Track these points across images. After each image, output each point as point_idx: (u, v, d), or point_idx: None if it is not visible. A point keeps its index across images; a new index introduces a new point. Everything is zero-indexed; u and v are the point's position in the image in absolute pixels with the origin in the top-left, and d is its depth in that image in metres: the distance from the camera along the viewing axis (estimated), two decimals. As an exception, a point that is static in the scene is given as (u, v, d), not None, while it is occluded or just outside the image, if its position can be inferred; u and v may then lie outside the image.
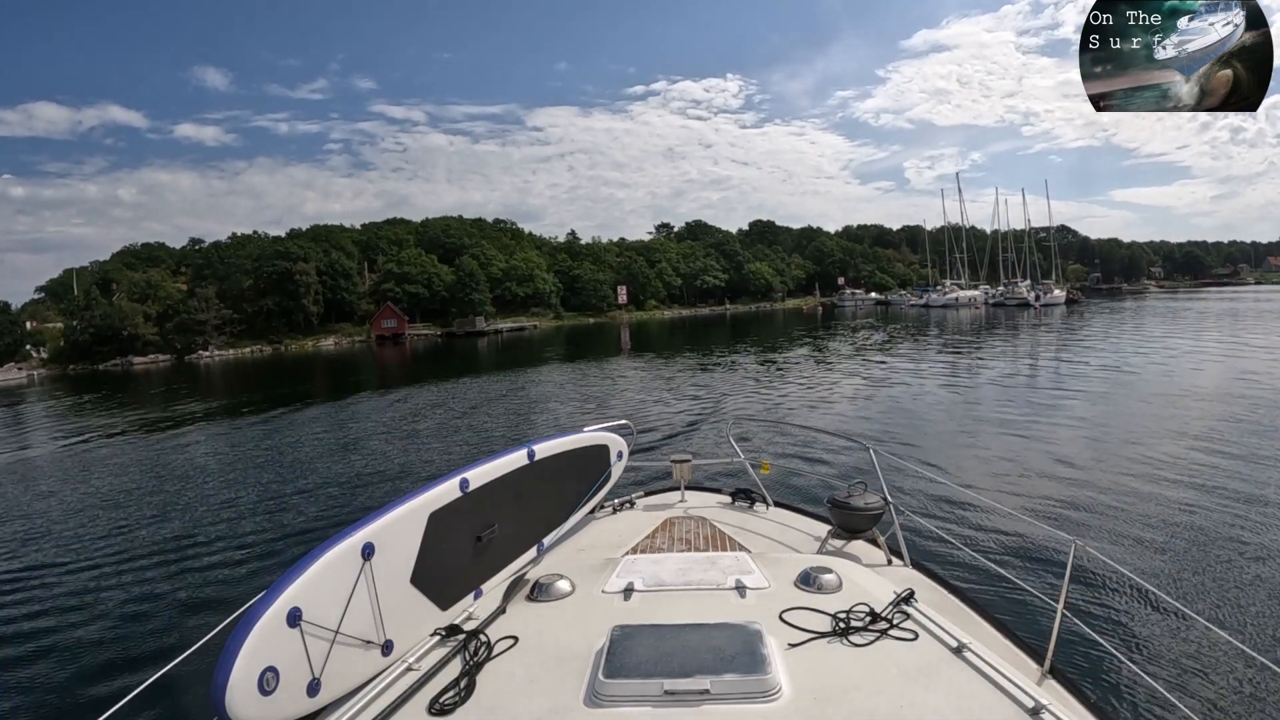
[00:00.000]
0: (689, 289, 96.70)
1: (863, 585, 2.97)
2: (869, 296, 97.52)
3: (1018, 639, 2.90)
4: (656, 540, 4.14)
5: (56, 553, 8.81)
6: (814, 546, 3.95)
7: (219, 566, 7.93)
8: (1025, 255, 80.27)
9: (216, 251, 77.41)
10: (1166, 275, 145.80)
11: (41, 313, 66.41)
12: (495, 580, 3.29)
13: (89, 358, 53.20)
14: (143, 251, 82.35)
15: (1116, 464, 9.99)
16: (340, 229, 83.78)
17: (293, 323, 65.30)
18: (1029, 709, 2.11)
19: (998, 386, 18.92)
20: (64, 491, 12.35)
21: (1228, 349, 25.11)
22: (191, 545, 8.74)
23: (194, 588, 7.37)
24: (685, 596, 2.92)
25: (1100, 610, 5.50)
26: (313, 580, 2.34)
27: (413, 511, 2.85)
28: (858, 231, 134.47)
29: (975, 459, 10.97)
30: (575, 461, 4.09)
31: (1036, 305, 66.06)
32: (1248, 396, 15.02)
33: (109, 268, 73.34)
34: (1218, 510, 7.84)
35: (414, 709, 2.26)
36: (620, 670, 2.21)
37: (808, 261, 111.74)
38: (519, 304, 79.39)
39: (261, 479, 12.23)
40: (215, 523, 9.70)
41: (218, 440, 17.06)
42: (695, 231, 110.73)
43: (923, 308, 74.34)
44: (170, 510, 10.53)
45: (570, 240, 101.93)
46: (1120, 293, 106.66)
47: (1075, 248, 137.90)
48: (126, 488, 12.26)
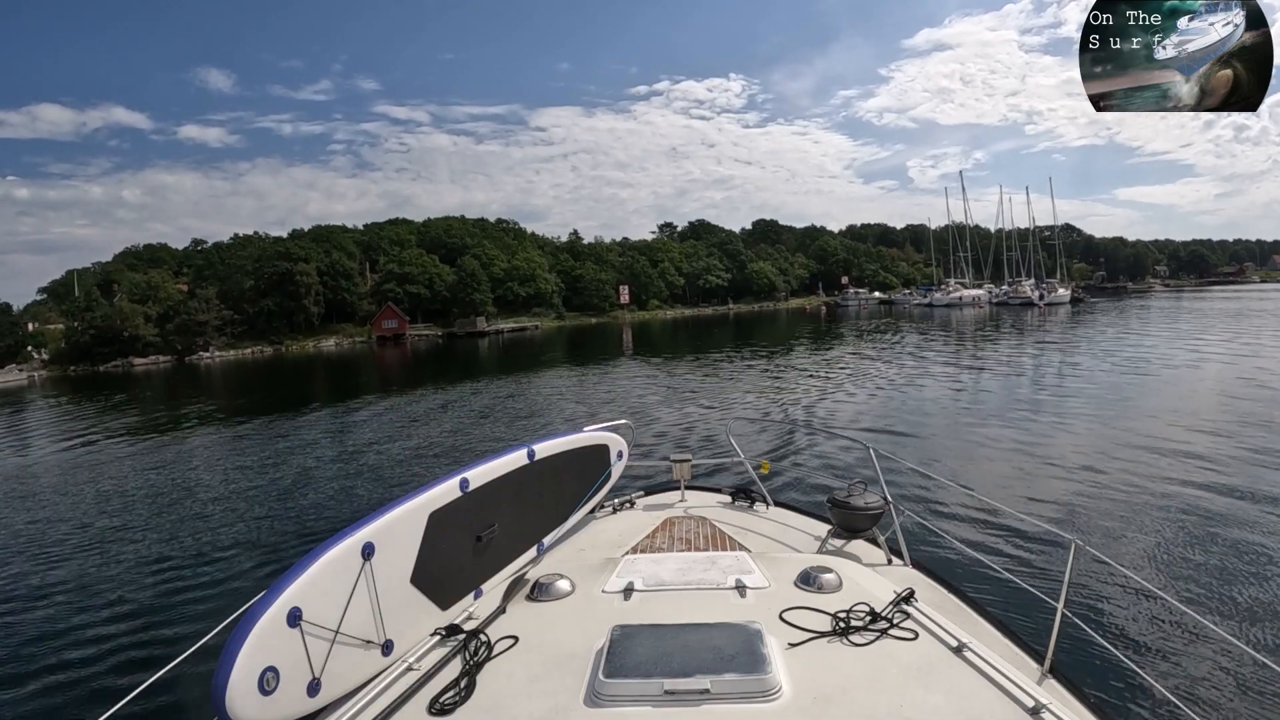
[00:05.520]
0: (692, 289, 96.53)
1: (863, 585, 2.98)
2: (872, 296, 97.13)
3: (1018, 638, 2.89)
4: (656, 540, 4.14)
5: (57, 553, 8.83)
6: (814, 546, 3.95)
7: (219, 567, 7.94)
8: (1029, 254, 79.99)
9: (218, 252, 77.50)
10: (1171, 274, 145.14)
11: (43, 314, 66.37)
12: (495, 580, 3.30)
13: (90, 359, 53.15)
14: (144, 252, 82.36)
15: (1117, 464, 9.97)
16: (342, 229, 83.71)
17: (294, 323, 65.27)
18: (1029, 708, 2.11)
19: (999, 386, 18.90)
20: (64, 492, 12.36)
21: (1233, 348, 25.05)
22: (191, 545, 8.76)
23: (194, 588, 7.37)
24: (685, 596, 2.92)
25: (1100, 610, 5.49)
26: (313, 580, 2.35)
27: (413, 511, 2.86)
28: (861, 231, 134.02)
29: (976, 458, 10.96)
30: (575, 461, 4.10)
31: (1040, 304, 65.76)
32: (1252, 396, 14.99)
33: (111, 269, 73.34)
34: (1218, 510, 7.83)
35: (414, 709, 2.26)
36: (620, 670, 2.21)
37: (811, 261, 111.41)
38: (520, 304, 79.30)
39: (261, 479, 12.24)
40: (215, 523, 9.71)
41: (217, 441, 17.09)
42: (698, 231, 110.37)
43: (926, 307, 74.15)
44: (170, 510, 10.55)
45: (573, 240, 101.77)
46: (1125, 292, 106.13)
47: (1079, 246, 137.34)
48: (126, 488, 12.27)
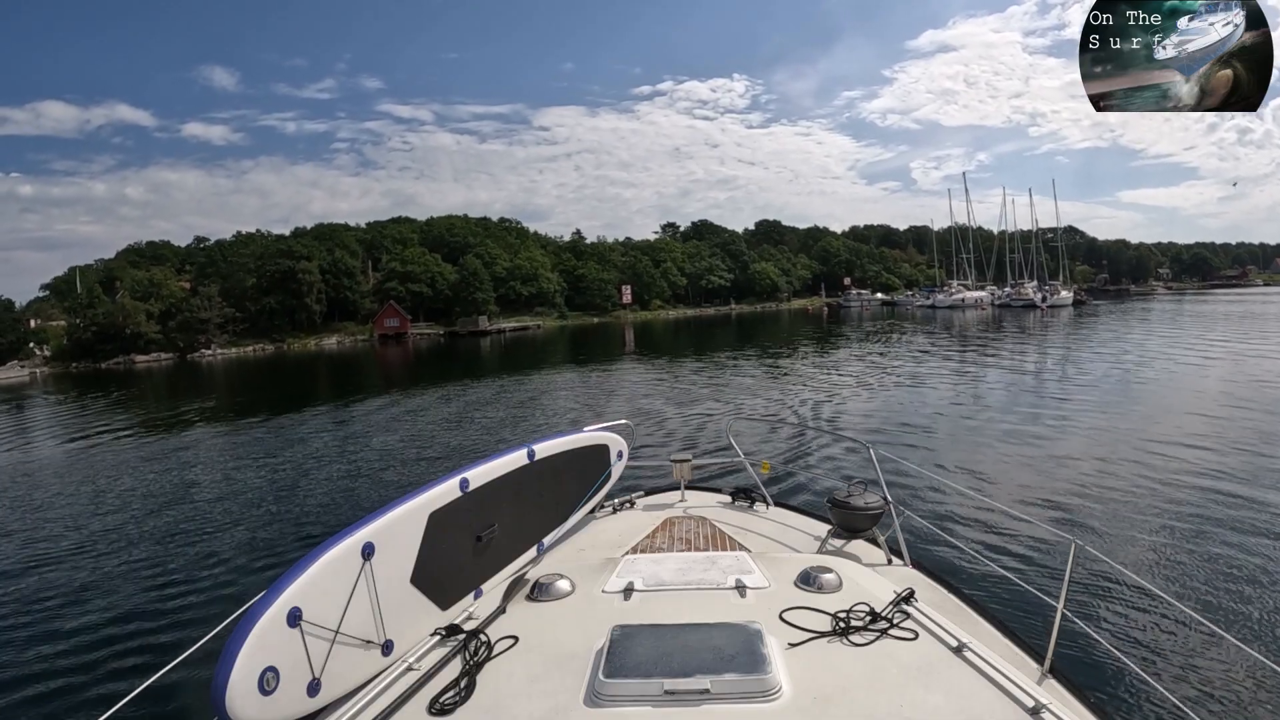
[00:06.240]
0: (694, 289, 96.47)
1: (863, 585, 2.98)
2: (875, 297, 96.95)
3: (1018, 638, 2.89)
4: (656, 540, 4.14)
5: (56, 552, 8.83)
6: (814, 546, 3.95)
7: (219, 566, 7.93)
8: (1032, 256, 79.83)
9: (220, 250, 77.56)
10: (1174, 276, 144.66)
11: (46, 311, 66.47)
12: (495, 580, 3.30)
13: (92, 356, 53.23)
14: (147, 250, 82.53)
15: (1117, 464, 9.95)
16: (345, 228, 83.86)
17: (295, 321, 65.38)
18: (1029, 708, 2.11)
19: (1000, 388, 18.88)
20: (63, 491, 12.36)
21: (1235, 351, 24.99)
22: (191, 545, 8.75)
23: (194, 588, 7.36)
24: (685, 596, 2.93)
25: (1100, 610, 5.48)
26: (313, 580, 2.35)
27: (413, 511, 2.86)
28: (864, 232, 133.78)
29: (976, 459, 10.94)
30: (575, 461, 4.10)
31: (1043, 306, 65.68)
32: (1254, 399, 14.96)
33: (113, 266, 73.51)
34: (1219, 510, 7.82)
35: (414, 709, 2.26)
36: (620, 670, 2.21)
37: (814, 262, 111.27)
38: (523, 303, 79.34)
39: (261, 479, 12.25)
40: (215, 522, 9.71)
41: (217, 439, 17.09)
42: (701, 231, 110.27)
43: (929, 309, 74.04)
44: (170, 510, 10.55)
45: (575, 239, 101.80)
46: (1128, 294, 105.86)
47: (1082, 248, 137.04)
48: (126, 487, 12.27)
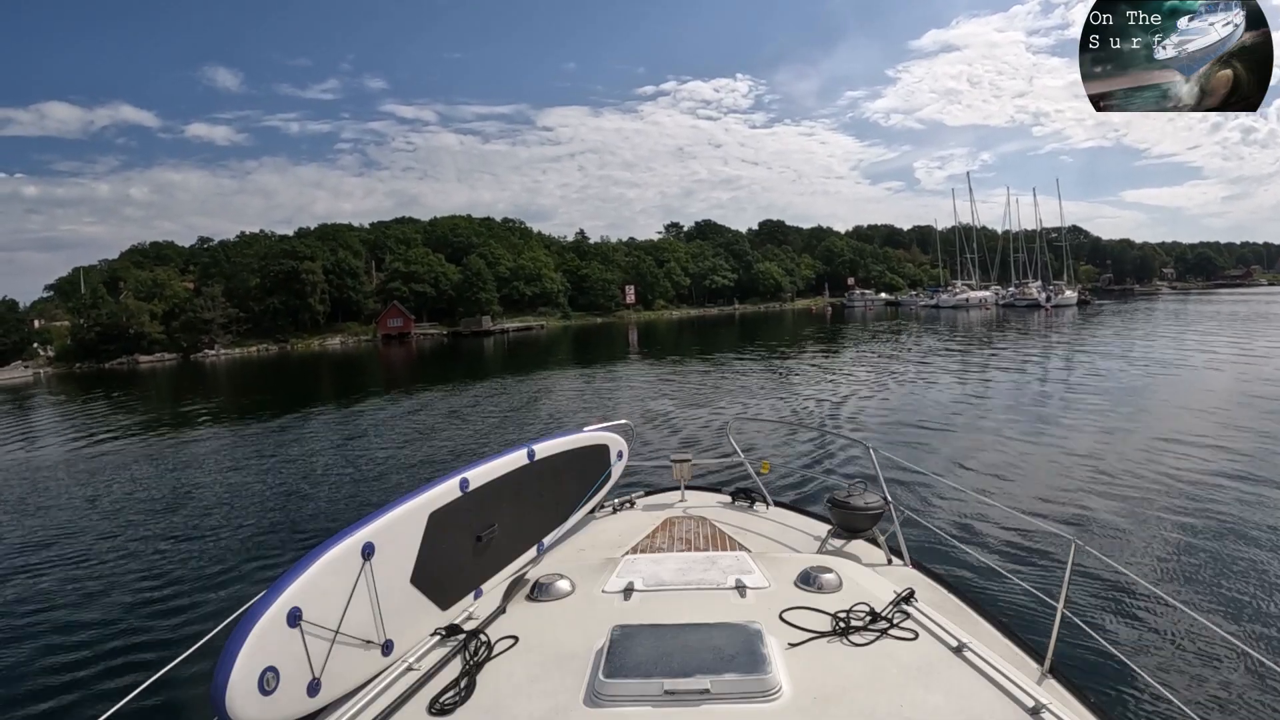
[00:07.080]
0: (697, 289, 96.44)
1: (863, 585, 2.98)
2: (878, 297, 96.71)
3: (1018, 638, 2.89)
4: (656, 540, 4.14)
5: (57, 552, 8.86)
6: (814, 546, 3.95)
7: (219, 566, 7.94)
8: (1036, 256, 79.72)
9: (224, 250, 77.70)
10: (1178, 276, 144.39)
11: (50, 311, 66.68)
12: (495, 580, 3.30)
13: (95, 356, 53.42)
14: (151, 250, 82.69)
15: (1118, 464, 9.92)
16: (348, 228, 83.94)
17: (299, 322, 65.52)
18: (1029, 708, 2.11)
19: (1001, 387, 18.83)
20: (64, 490, 12.40)
21: (1238, 352, 24.90)
22: (192, 545, 8.77)
23: (194, 588, 7.37)
24: (685, 596, 2.93)
25: (1100, 610, 5.47)
26: (313, 580, 2.35)
27: (413, 511, 2.86)
28: (868, 231, 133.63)
29: (976, 459, 10.92)
30: (575, 461, 4.10)
31: (1047, 306, 65.56)
32: (1256, 400, 14.91)
33: (117, 266, 73.61)
34: (1219, 510, 7.79)
35: (414, 709, 2.27)
36: (620, 670, 2.21)
37: (817, 262, 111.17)
38: (526, 303, 79.41)
39: (262, 479, 12.26)
40: (215, 522, 9.73)
41: (219, 439, 17.12)
42: (705, 231, 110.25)
43: (933, 308, 73.89)
44: (170, 510, 10.57)
45: (579, 239, 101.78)
46: (1132, 294, 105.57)
47: (1087, 248, 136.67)
48: (127, 487, 12.30)
